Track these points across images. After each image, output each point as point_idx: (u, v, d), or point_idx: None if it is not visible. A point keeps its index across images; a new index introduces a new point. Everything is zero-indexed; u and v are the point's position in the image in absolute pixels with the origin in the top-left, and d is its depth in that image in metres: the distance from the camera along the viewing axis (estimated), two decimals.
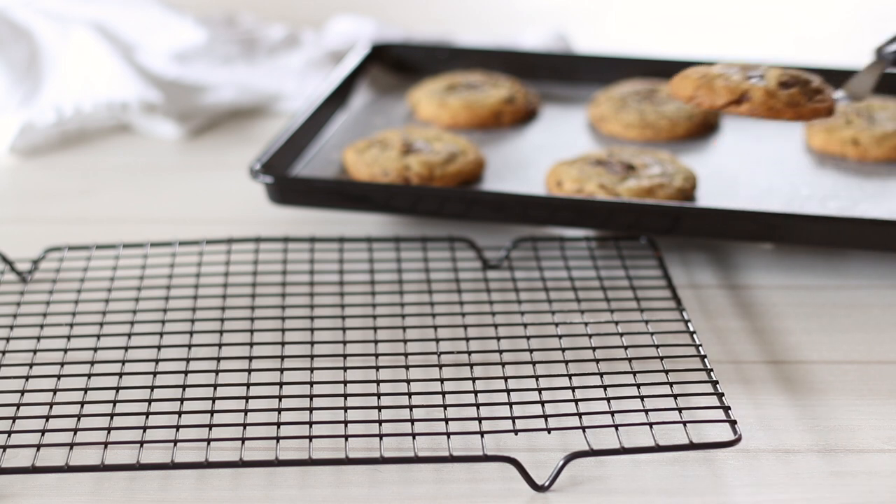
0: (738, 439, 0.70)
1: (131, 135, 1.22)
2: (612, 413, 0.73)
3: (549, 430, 0.72)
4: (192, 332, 0.83)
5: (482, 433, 0.71)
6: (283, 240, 0.93)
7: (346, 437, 0.71)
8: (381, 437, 0.71)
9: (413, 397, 0.75)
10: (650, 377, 0.77)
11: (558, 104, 1.17)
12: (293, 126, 1.03)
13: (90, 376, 0.78)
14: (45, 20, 1.26)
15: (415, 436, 0.71)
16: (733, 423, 0.72)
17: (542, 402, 0.74)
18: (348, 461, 0.69)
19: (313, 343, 0.82)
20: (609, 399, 0.74)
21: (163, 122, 1.21)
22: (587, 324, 0.83)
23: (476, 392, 0.75)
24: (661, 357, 0.78)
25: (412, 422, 0.73)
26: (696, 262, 0.96)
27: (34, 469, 0.69)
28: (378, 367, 0.78)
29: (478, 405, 0.74)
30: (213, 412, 0.73)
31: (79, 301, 0.86)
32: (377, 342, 0.82)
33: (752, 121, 1.12)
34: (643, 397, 0.75)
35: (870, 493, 0.70)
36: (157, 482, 0.71)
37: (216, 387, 0.76)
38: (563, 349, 0.79)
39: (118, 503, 0.70)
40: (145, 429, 0.72)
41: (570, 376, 0.77)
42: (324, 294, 0.88)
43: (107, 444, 0.71)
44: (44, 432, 0.72)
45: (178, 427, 0.72)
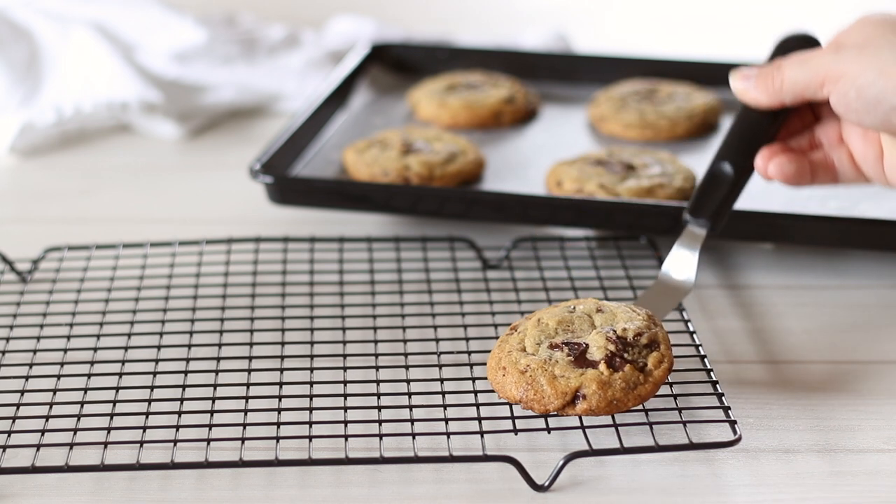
0: (738, 439, 0.70)
1: (131, 135, 1.22)
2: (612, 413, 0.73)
3: (549, 430, 0.72)
4: (191, 332, 0.83)
5: (482, 433, 0.71)
6: (283, 240, 0.93)
7: (346, 437, 0.71)
8: (381, 437, 0.71)
9: (413, 397, 0.75)
10: None
11: (558, 104, 1.17)
12: (293, 126, 1.03)
13: (90, 376, 0.78)
14: (45, 20, 1.26)
15: (415, 436, 0.71)
16: (733, 423, 0.72)
17: None
18: (348, 461, 0.69)
19: (313, 343, 0.82)
20: None
21: (163, 122, 1.21)
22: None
23: (476, 392, 0.75)
24: None
25: (412, 422, 0.72)
26: None
27: (34, 469, 0.69)
28: (378, 367, 0.78)
29: (478, 405, 0.74)
30: (212, 412, 0.73)
31: (79, 301, 0.87)
32: (377, 342, 0.82)
33: None
34: None
35: (870, 493, 0.70)
36: (157, 482, 0.71)
37: (216, 387, 0.76)
38: None
39: (118, 503, 0.70)
40: (145, 429, 0.72)
41: None
42: (324, 294, 0.88)
43: (107, 444, 0.71)
44: (44, 432, 0.72)
45: (177, 427, 0.72)
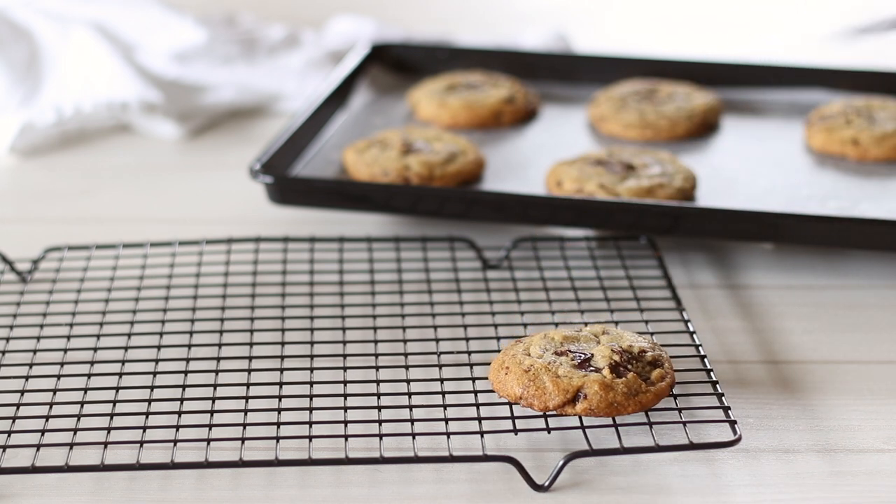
0: (738, 439, 0.70)
1: (131, 135, 1.22)
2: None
3: (549, 430, 0.72)
4: (191, 332, 0.83)
5: (482, 433, 0.71)
6: (283, 240, 0.93)
7: (346, 437, 0.71)
8: (381, 437, 0.71)
9: (413, 397, 0.75)
10: None
11: (558, 104, 1.17)
12: (293, 126, 1.03)
13: (90, 376, 0.78)
14: (45, 20, 1.26)
15: (415, 436, 0.71)
16: (733, 423, 0.71)
17: None
18: (348, 461, 0.69)
19: (313, 343, 0.82)
20: None
21: (163, 122, 1.21)
22: (587, 323, 0.83)
23: (476, 392, 0.75)
24: None
25: (412, 422, 0.72)
26: (696, 262, 0.96)
27: (34, 469, 0.69)
28: (378, 367, 0.78)
29: (478, 405, 0.74)
30: (212, 412, 0.73)
31: (79, 301, 0.87)
32: (377, 342, 0.82)
33: (752, 121, 1.13)
34: None
35: (870, 493, 0.70)
36: (157, 482, 0.71)
37: (216, 387, 0.76)
38: None
39: (118, 503, 0.70)
40: (145, 429, 0.72)
41: None
42: (324, 294, 0.88)
43: (107, 444, 0.71)
44: (44, 432, 0.72)
45: (177, 427, 0.72)
